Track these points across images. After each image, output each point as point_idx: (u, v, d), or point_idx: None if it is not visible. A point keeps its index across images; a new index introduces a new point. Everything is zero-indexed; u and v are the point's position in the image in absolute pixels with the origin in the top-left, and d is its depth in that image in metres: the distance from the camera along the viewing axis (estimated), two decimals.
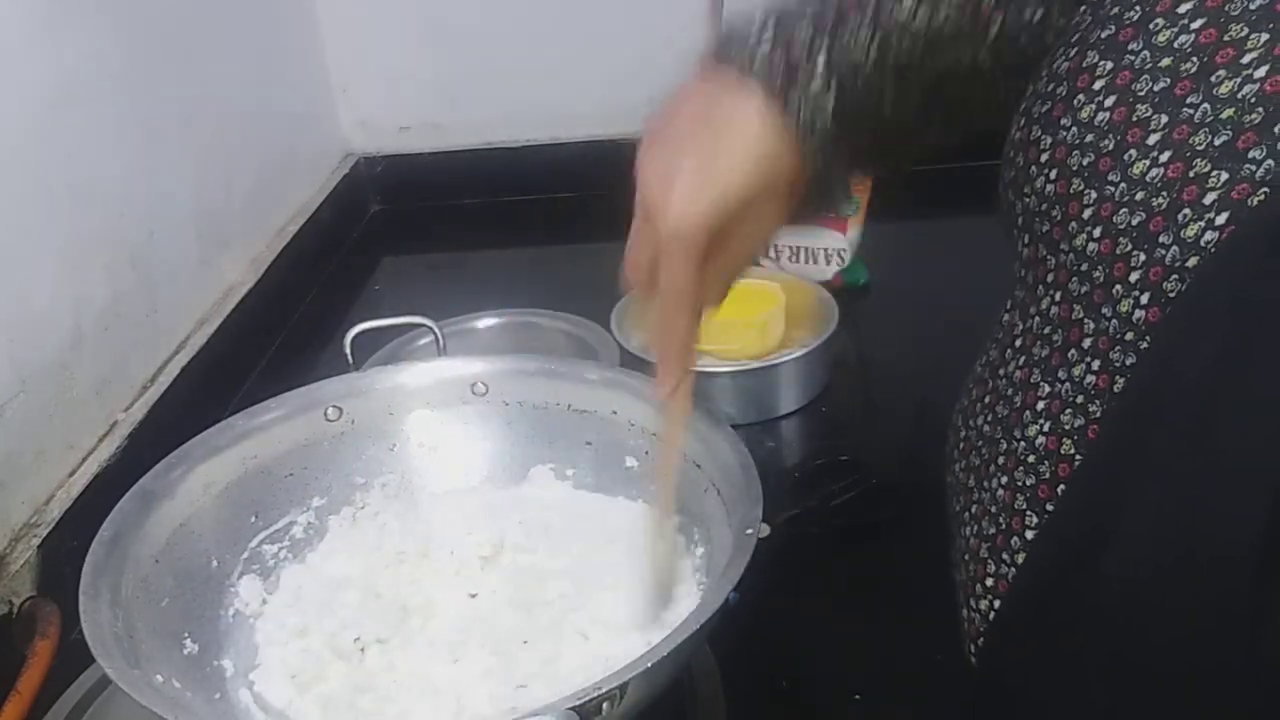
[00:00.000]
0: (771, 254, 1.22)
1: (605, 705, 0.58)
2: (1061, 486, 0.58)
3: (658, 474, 0.73)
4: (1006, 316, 0.66)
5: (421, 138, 1.53)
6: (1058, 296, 0.59)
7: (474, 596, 0.74)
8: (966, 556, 0.65)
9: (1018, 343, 0.63)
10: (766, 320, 1.05)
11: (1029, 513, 0.60)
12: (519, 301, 1.14)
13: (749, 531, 0.66)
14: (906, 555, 0.88)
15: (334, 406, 0.82)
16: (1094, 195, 0.55)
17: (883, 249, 1.24)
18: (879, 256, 1.23)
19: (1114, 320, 0.55)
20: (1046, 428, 0.59)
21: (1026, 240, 0.62)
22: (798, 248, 1.21)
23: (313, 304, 1.33)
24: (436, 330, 0.94)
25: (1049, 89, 0.60)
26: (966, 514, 0.66)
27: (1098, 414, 0.57)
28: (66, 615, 0.81)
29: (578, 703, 0.57)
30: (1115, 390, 0.56)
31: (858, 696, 0.77)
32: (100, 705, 0.77)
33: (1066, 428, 0.58)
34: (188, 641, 0.71)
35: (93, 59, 1.00)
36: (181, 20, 1.14)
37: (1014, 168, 0.61)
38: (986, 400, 0.66)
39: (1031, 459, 0.60)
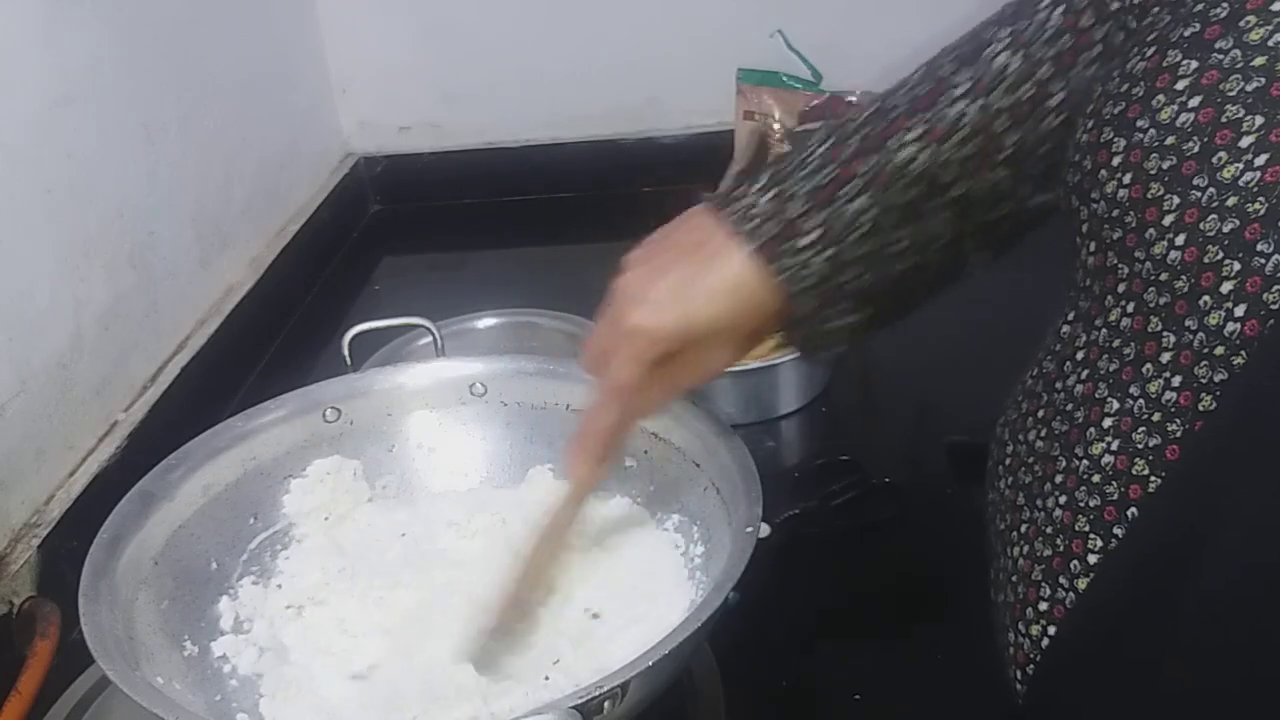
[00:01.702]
0: None
1: (607, 704, 0.58)
2: (1133, 509, 0.55)
3: (540, 544, 0.72)
4: (1066, 328, 0.62)
5: (421, 138, 1.53)
6: (1130, 308, 0.56)
7: (474, 598, 0.74)
8: (1015, 578, 0.62)
9: (1079, 355, 0.60)
10: None
11: (1092, 535, 0.56)
12: (518, 302, 1.14)
13: (749, 531, 0.66)
14: (906, 555, 0.88)
15: (333, 408, 0.83)
16: (1176, 201, 0.52)
17: None
18: None
19: (1200, 333, 0.52)
20: (1115, 446, 0.56)
21: (1093, 248, 0.59)
22: None
23: (312, 304, 1.33)
24: (435, 331, 0.94)
25: (1122, 89, 0.57)
26: (1014, 534, 0.62)
27: (1178, 433, 0.53)
28: (66, 615, 0.81)
29: (580, 701, 0.57)
30: (1201, 408, 0.52)
31: (857, 696, 0.77)
32: (100, 705, 0.77)
33: (1139, 447, 0.55)
34: (187, 643, 0.71)
35: (93, 59, 1.00)
36: (181, 20, 1.14)
37: (1080, 171, 0.58)
38: (1040, 415, 0.62)
39: (1096, 478, 0.57)
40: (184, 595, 0.74)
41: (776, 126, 1.31)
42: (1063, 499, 0.58)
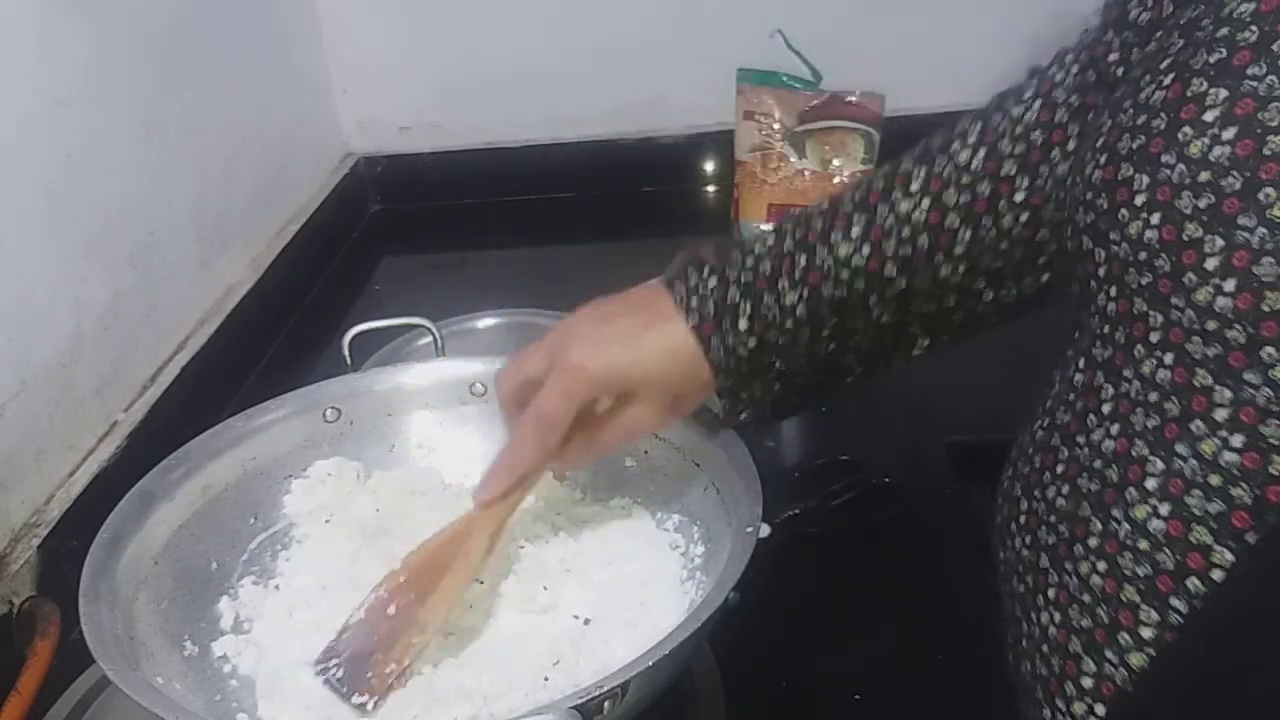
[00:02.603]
0: None
1: (607, 704, 0.58)
2: (1193, 579, 0.50)
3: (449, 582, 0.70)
4: (1080, 376, 0.58)
5: (421, 138, 1.53)
6: (1168, 359, 0.51)
7: (472, 598, 0.74)
8: (1046, 648, 0.57)
9: (1105, 409, 0.55)
10: None
11: (1144, 606, 0.52)
12: (518, 301, 1.14)
13: (749, 531, 0.66)
14: (906, 555, 0.88)
15: (333, 408, 0.83)
16: (1219, 243, 0.48)
17: None
18: None
19: (1265, 388, 0.47)
20: (1164, 510, 0.51)
21: (1114, 293, 0.54)
22: None
23: (312, 304, 1.33)
24: (435, 331, 0.94)
25: (1139, 121, 0.53)
26: (1040, 598, 0.58)
27: (1246, 499, 0.48)
28: (66, 615, 0.81)
29: (580, 701, 0.57)
30: (1273, 471, 0.47)
31: (858, 696, 0.77)
32: (100, 705, 0.77)
33: (1197, 513, 0.50)
34: (187, 643, 0.71)
35: (93, 59, 1.00)
36: (181, 20, 1.14)
37: (1094, 211, 0.54)
38: (1060, 470, 0.58)
39: (1144, 545, 0.52)
40: (184, 595, 0.74)
41: (776, 126, 1.31)
42: (1100, 564, 0.54)
